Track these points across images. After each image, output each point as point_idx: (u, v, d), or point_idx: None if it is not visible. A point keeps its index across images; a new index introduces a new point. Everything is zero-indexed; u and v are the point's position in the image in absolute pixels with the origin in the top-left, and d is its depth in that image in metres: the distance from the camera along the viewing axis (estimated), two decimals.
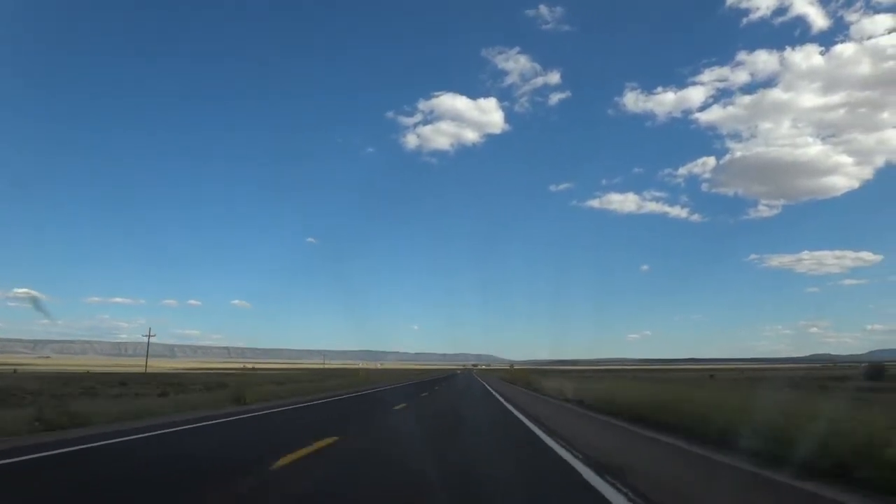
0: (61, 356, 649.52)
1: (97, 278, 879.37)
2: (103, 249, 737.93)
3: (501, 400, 24.74)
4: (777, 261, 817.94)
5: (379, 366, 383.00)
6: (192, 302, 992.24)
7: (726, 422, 9.08)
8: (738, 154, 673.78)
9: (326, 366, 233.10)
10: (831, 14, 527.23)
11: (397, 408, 18.93)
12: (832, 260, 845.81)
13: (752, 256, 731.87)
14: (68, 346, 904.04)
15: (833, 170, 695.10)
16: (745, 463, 7.49)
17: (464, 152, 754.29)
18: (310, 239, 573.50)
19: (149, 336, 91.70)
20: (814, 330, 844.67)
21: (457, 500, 5.78)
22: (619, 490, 5.96)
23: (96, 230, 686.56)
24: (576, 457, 8.15)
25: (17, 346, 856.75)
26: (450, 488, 6.20)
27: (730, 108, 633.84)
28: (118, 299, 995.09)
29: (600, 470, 7.04)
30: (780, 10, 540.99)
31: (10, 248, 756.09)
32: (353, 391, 33.53)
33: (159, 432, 11.13)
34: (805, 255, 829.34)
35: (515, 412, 17.14)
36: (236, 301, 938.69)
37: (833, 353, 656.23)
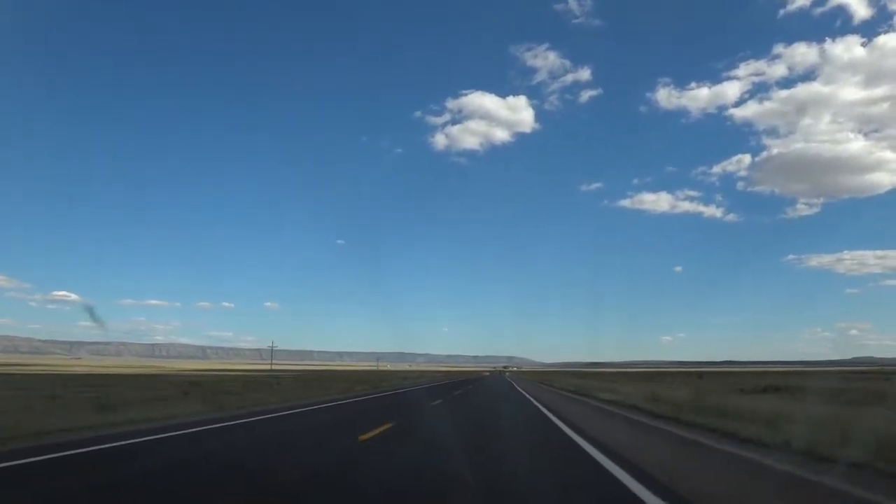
0: (96, 358, 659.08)
1: (132, 281, 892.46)
2: (139, 252, 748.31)
3: None
4: (816, 261, 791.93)
5: (409, 367, 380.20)
6: (226, 304, 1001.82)
7: None
8: (775, 151, 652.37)
9: (350, 368, 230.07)
10: (873, 3, 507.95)
11: None
12: (874, 260, 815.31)
13: (791, 257, 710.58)
14: (103, 348, 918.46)
15: (876, 166, 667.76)
16: None
17: (493, 152, 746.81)
18: (339, 241, 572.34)
19: None
20: (854, 332, 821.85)
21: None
22: None
23: (131, 233, 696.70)
24: None
25: (54, 347, 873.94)
26: None
27: (766, 104, 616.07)
28: (153, 301, 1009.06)
29: None
30: (820, 1, 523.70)
31: (48, 252, 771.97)
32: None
33: None
34: (845, 255, 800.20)
35: None
36: (268, 303, 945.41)
37: (876, 355, 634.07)
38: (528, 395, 34.29)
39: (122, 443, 11.19)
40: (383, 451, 11.00)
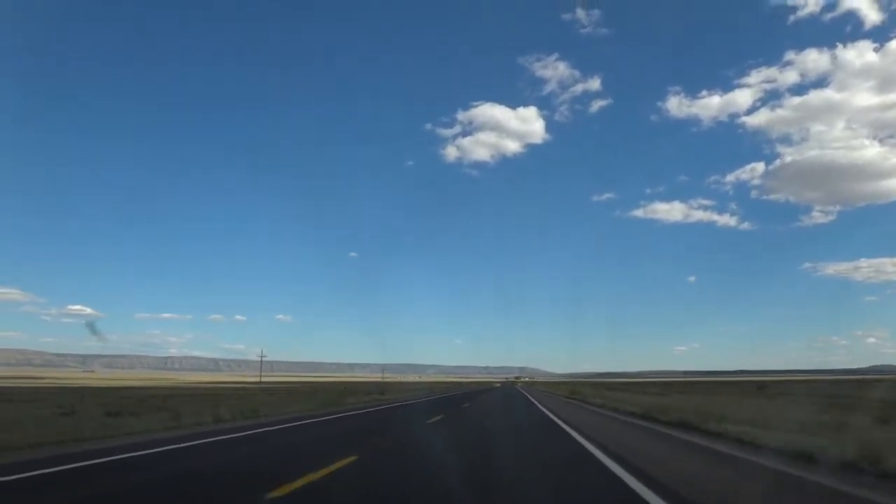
0: (110, 370, 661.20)
1: (147, 294, 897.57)
2: (153, 265, 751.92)
3: None
4: (833, 269, 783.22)
5: (418, 378, 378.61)
6: (238, 317, 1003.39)
7: None
8: (789, 159, 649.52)
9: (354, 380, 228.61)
10: (885, 7, 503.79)
11: None
12: (891, 267, 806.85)
13: (806, 265, 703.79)
14: (116, 361, 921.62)
15: (892, 172, 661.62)
16: None
17: (505, 163, 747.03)
18: (352, 253, 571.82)
19: None
20: (871, 340, 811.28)
21: None
22: None
23: (145, 246, 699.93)
24: None
25: (68, 360, 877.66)
26: None
27: (779, 111, 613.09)
28: (167, 315, 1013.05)
29: None
30: (830, 6, 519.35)
31: (63, 266, 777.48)
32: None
33: None
34: (863, 262, 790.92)
35: None
36: (280, 316, 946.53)
37: (895, 363, 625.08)
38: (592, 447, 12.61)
39: None
40: None
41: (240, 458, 11.81)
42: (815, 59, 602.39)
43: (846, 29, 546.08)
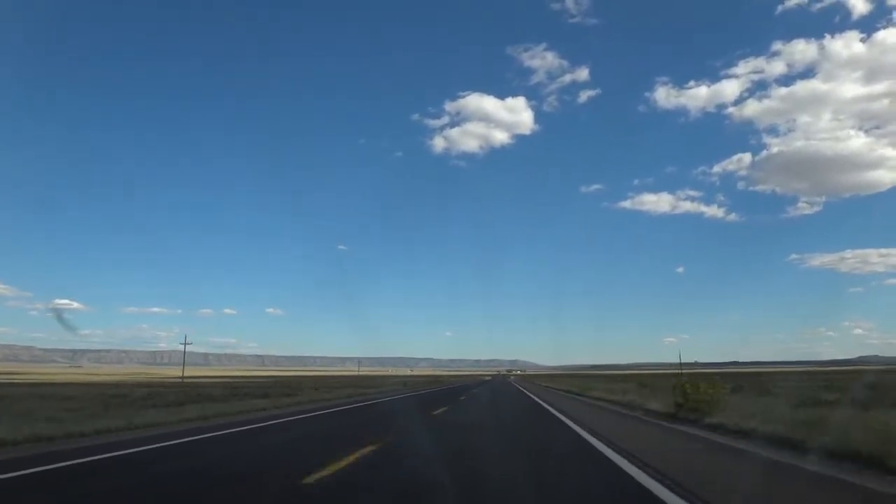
0: (98, 366, 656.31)
1: (135, 289, 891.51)
2: (141, 260, 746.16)
3: None
4: (819, 260, 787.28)
5: (410, 371, 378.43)
6: (228, 311, 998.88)
7: None
8: (776, 150, 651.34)
9: (361, 373, 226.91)
10: None
11: None
12: (877, 259, 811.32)
13: (793, 256, 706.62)
14: (104, 356, 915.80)
15: (877, 164, 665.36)
16: None
17: (493, 154, 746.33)
18: (341, 246, 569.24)
19: None
20: (858, 331, 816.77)
21: None
22: None
23: (133, 240, 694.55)
24: None
25: (56, 355, 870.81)
26: None
27: (766, 102, 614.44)
28: (155, 309, 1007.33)
29: None
30: None
31: (49, 261, 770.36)
32: None
33: None
34: (848, 253, 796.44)
35: None
36: (270, 309, 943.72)
37: (881, 354, 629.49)
38: None
39: None
40: None
41: None
42: (802, 50, 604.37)
43: (834, 19, 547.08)
